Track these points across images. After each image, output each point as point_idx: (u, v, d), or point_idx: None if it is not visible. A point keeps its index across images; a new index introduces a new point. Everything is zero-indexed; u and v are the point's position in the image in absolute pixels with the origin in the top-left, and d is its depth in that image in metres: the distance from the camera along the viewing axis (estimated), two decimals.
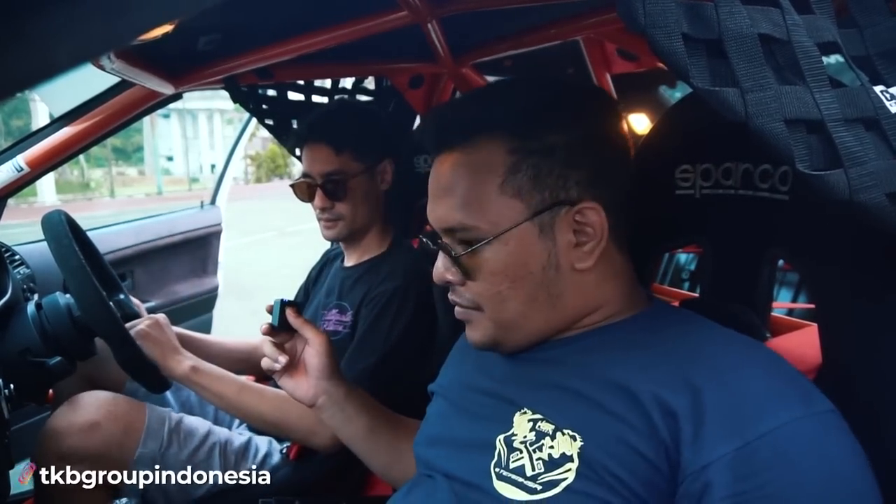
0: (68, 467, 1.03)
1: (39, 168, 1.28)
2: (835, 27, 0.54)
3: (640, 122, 1.99)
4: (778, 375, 0.56)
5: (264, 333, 0.86)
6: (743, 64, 0.48)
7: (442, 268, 0.68)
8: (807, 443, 0.51)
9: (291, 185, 1.31)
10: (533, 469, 0.60)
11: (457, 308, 0.70)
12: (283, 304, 0.86)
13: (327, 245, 1.61)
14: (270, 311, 0.87)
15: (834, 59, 0.54)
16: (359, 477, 1.29)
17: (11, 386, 0.83)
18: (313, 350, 0.86)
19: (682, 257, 2.18)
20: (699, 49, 0.48)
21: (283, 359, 0.85)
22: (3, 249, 1.37)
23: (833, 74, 0.51)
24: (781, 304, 1.68)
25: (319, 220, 1.29)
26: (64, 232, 1.01)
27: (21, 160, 1.27)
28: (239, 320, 3.33)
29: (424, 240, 0.73)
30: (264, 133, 2.48)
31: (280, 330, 0.86)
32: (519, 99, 0.66)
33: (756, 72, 0.48)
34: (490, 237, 0.63)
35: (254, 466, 1.18)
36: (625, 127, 0.68)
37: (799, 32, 0.50)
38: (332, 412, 0.88)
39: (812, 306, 0.73)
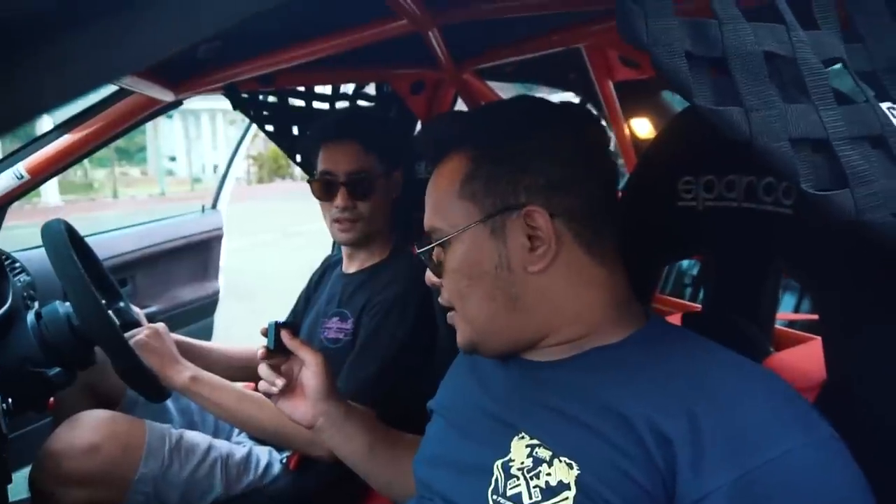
0: (68, 489, 1.03)
1: (40, 175, 1.27)
2: (841, 43, 0.53)
3: (642, 128, 1.98)
4: (777, 402, 0.55)
5: (260, 357, 0.85)
6: (747, 82, 0.47)
7: (428, 270, 0.74)
8: (806, 472, 0.50)
9: (309, 182, 1.29)
10: (530, 497, 0.59)
11: (448, 314, 0.74)
12: (278, 325, 0.85)
13: (330, 245, 1.61)
14: (265, 334, 0.86)
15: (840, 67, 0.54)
16: (359, 487, 1.28)
17: (10, 400, 0.82)
18: (310, 371, 0.86)
19: (685, 263, 2.17)
20: (702, 67, 0.48)
21: (280, 382, 0.84)
22: (4, 257, 1.37)
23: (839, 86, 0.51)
24: (785, 315, 1.67)
25: (336, 220, 1.25)
26: (63, 241, 1.01)
27: (21, 168, 1.26)
28: (241, 322, 3.33)
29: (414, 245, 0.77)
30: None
31: (275, 352, 0.85)
32: (485, 114, 0.75)
33: (761, 90, 0.47)
34: (447, 236, 0.68)
35: (255, 478, 1.18)
36: (598, 139, 0.71)
37: (804, 49, 0.50)
38: (332, 433, 0.87)
39: (815, 317, 0.72)
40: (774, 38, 0.49)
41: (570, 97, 1.99)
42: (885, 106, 0.52)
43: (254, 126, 2.57)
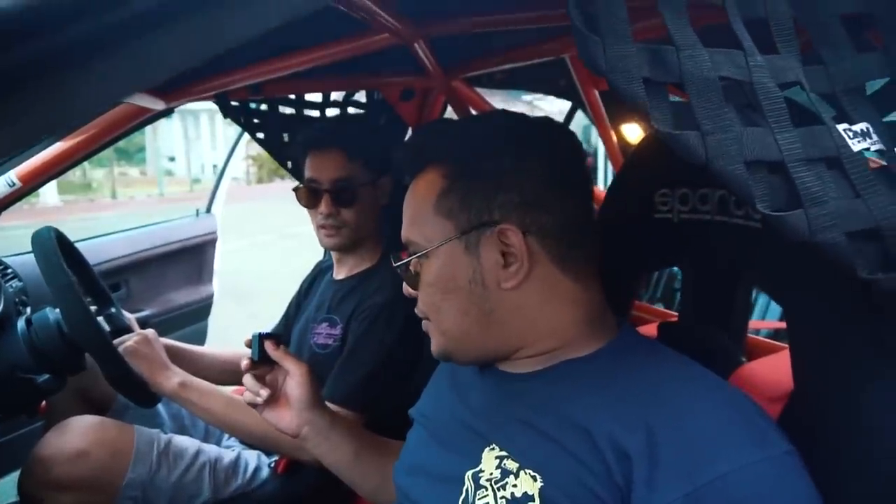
0: (57, 494, 1.04)
1: (31, 183, 1.29)
2: (800, 66, 0.54)
3: (632, 132, 1.99)
4: (733, 416, 0.56)
5: (245, 369, 0.86)
6: (704, 106, 0.49)
7: (404, 281, 0.76)
8: (758, 488, 0.51)
9: (294, 190, 1.30)
10: None
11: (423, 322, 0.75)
12: (262, 337, 0.86)
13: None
14: (249, 345, 0.87)
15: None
16: (346, 491, 1.29)
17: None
18: (294, 381, 0.87)
19: (675, 268, 2.19)
20: (661, 91, 0.49)
21: (264, 392, 0.85)
22: None
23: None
24: (763, 323, 1.68)
25: (321, 227, 1.28)
26: (52, 249, 1.02)
27: (13, 175, 1.28)
28: (237, 324, 3.34)
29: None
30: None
31: (260, 363, 0.86)
32: (462, 130, 0.77)
33: (717, 114, 0.49)
34: (422, 251, 0.70)
35: (243, 482, 1.19)
36: (573, 156, 0.72)
37: (761, 73, 0.51)
38: (317, 441, 0.88)
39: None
40: (731, 63, 0.50)
41: (560, 103, 2.00)
42: (841, 127, 0.53)
43: None
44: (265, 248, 8.39)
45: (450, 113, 1.70)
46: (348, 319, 1.27)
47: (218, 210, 2.54)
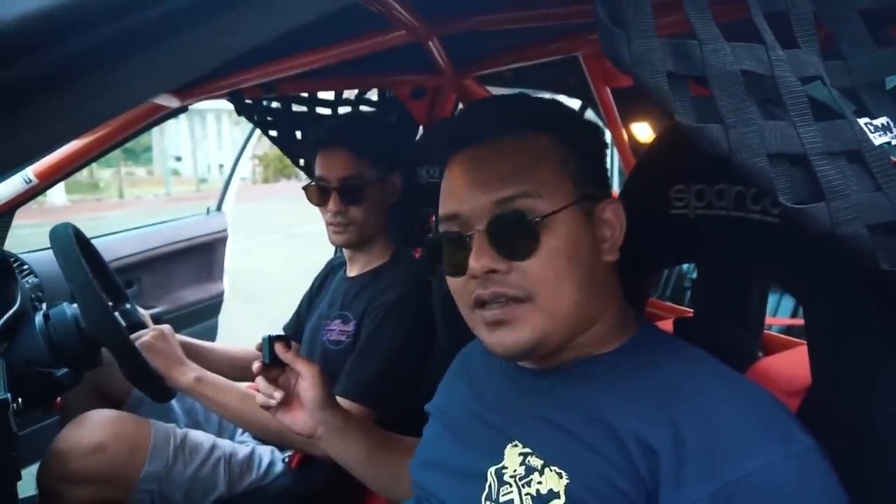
0: (75, 487, 1.05)
1: (48, 180, 1.30)
2: (820, 61, 0.55)
3: (642, 132, 1.99)
4: (758, 414, 0.56)
5: (257, 372, 0.86)
6: (727, 100, 0.49)
7: (483, 256, 0.63)
8: (785, 485, 0.51)
9: (304, 188, 1.32)
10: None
11: (491, 312, 0.64)
12: (272, 339, 0.86)
13: (333, 247, 1.63)
14: (260, 348, 0.87)
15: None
16: (359, 486, 1.30)
17: (20, 399, 0.85)
18: (307, 382, 0.87)
19: (685, 266, 2.19)
20: (684, 85, 0.50)
21: (278, 394, 0.86)
22: (12, 259, 1.39)
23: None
24: (777, 320, 1.68)
25: (330, 224, 1.30)
26: (71, 245, 1.03)
27: (30, 172, 1.29)
28: (244, 323, 3.35)
29: (445, 234, 0.68)
30: None
31: (272, 365, 0.87)
32: (557, 105, 0.76)
33: (740, 108, 0.49)
34: (551, 211, 0.63)
35: (257, 477, 1.20)
36: None
37: (783, 67, 0.52)
38: (331, 441, 0.89)
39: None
40: (753, 57, 0.51)
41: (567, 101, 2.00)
42: (862, 121, 0.54)
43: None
44: (272, 247, 8.42)
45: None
46: (361, 316, 1.28)
47: (228, 208, 2.55)
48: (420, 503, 0.75)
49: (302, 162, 1.59)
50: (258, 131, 2.66)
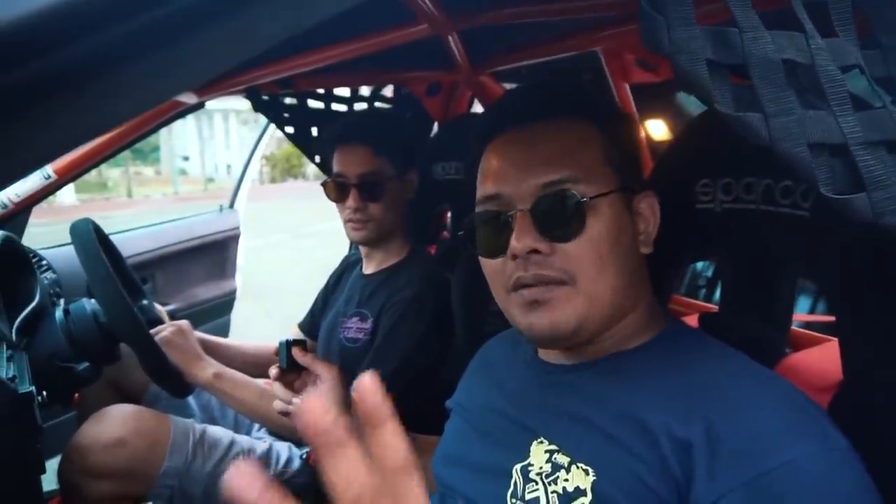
0: (95, 482, 1.05)
1: (66, 176, 1.31)
2: (858, 50, 0.54)
3: (657, 129, 1.98)
4: (793, 410, 0.55)
5: (274, 378, 0.85)
6: (767, 89, 0.49)
7: (526, 237, 0.63)
8: (820, 478, 0.50)
9: (322, 185, 1.32)
10: (548, 502, 0.60)
11: (530, 291, 0.63)
12: (289, 344, 0.85)
13: (342, 246, 1.63)
14: (277, 353, 0.86)
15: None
16: None
17: (44, 393, 0.85)
18: (326, 386, 0.86)
19: (699, 265, 2.18)
20: (723, 74, 0.49)
21: (296, 399, 0.85)
22: (31, 255, 1.40)
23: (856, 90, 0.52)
24: (800, 316, 1.67)
25: (348, 220, 1.29)
26: (91, 241, 1.04)
27: (49, 168, 1.30)
28: (252, 321, 3.36)
29: (501, 216, 0.66)
30: (279, 134, 2.50)
31: (288, 370, 0.86)
32: (597, 93, 0.78)
33: (780, 96, 0.49)
34: (598, 194, 0.63)
35: (276, 472, 1.20)
36: None
37: (822, 56, 0.51)
38: None
39: (831, 318, 0.73)
40: (793, 46, 0.50)
41: None
42: None
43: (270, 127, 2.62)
44: (279, 247, 8.44)
45: (476, 107, 1.70)
46: (378, 313, 1.28)
47: (241, 206, 2.55)
48: (444, 500, 0.75)
49: (318, 159, 1.59)
50: (268, 133, 2.70)
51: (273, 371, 0.86)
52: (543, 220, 0.63)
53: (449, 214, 1.64)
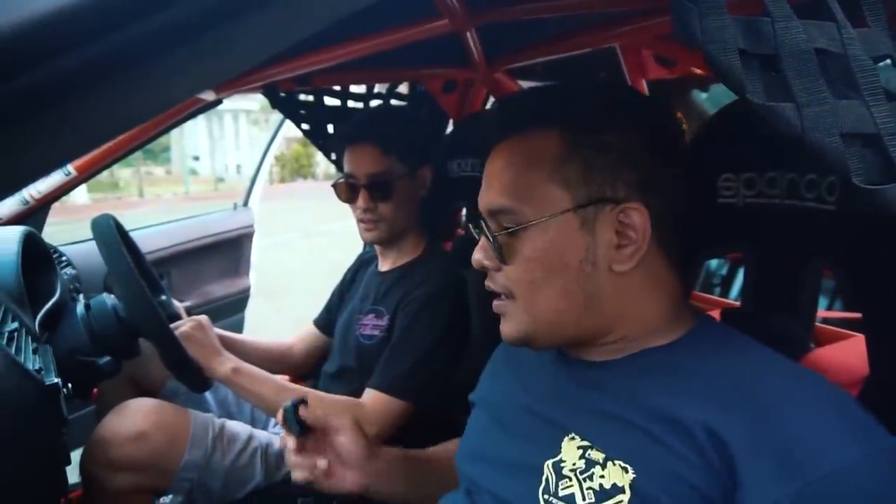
0: (116, 475, 1.06)
1: (86, 172, 1.32)
2: (889, 40, 0.54)
3: None
4: (834, 410, 0.54)
5: (293, 448, 0.79)
6: (799, 78, 0.48)
7: (480, 252, 0.69)
8: (868, 485, 0.50)
9: (333, 185, 1.32)
10: (584, 499, 0.59)
11: (494, 301, 0.70)
12: (295, 407, 0.78)
13: (352, 245, 1.63)
14: (284, 421, 0.79)
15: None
16: None
17: (69, 385, 0.86)
18: (346, 437, 0.81)
19: (714, 263, 2.16)
20: (754, 64, 0.49)
21: (322, 463, 0.79)
22: (52, 250, 1.41)
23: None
24: (822, 313, 1.66)
25: (360, 221, 1.30)
26: (113, 236, 1.04)
27: (69, 165, 1.31)
28: (263, 319, 3.37)
29: (469, 225, 0.72)
30: (288, 134, 2.50)
31: (301, 432, 0.79)
32: (578, 97, 0.69)
33: (812, 86, 0.48)
34: (531, 221, 0.64)
35: None
36: (683, 139, 0.69)
37: (854, 46, 0.51)
38: (380, 485, 0.84)
39: (852, 315, 0.72)
40: (825, 35, 0.50)
41: None
42: None
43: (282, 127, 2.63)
44: (290, 246, 8.48)
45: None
46: (394, 310, 1.28)
47: (255, 204, 2.56)
48: (470, 496, 0.74)
49: (333, 156, 1.59)
50: (281, 132, 2.71)
51: (290, 443, 0.78)
52: (491, 241, 0.67)
53: (464, 211, 1.64)
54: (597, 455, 0.61)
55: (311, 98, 1.54)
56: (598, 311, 0.65)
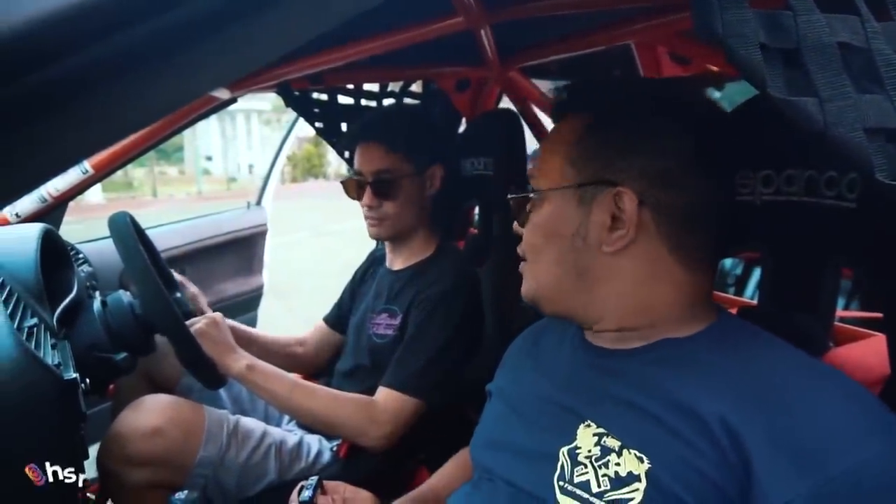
0: (133, 470, 1.07)
1: (103, 170, 1.33)
2: None
3: None
4: (854, 407, 0.54)
5: None
6: (821, 73, 0.48)
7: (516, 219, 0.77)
8: (890, 480, 0.49)
9: (342, 182, 1.33)
10: (599, 486, 0.60)
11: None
12: (312, 496, 0.82)
13: (363, 244, 1.64)
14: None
15: None
16: (407, 475, 1.30)
17: (87, 381, 0.86)
18: None
19: (728, 262, 2.14)
20: (775, 58, 0.48)
21: None
22: (69, 248, 1.43)
23: None
24: (840, 312, 1.64)
25: (366, 218, 1.32)
26: (130, 233, 1.05)
27: (86, 162, 1.32)
28: (275, 318, 3.38)
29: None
30: (300, 133, 2.52)
31: None
32: (616, 87, 0.76)
33: (834, 81, 0.48)
34: (540, 190, 0.71)
35: (307, 465, 1.21)
36: (724, 139, 0.69)
37: (878, 40, 0.50)
38: None
39: (869, 315, 0.71)
40: (848, 29, 0.49)
41: None
42: None
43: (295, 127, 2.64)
44: (301, 245, 8.51)
45: (505, 103, 1.69)
46: (407, 309, 1.28)
47: (268, 203, 2.58)
48: (479, 484, 0.74)
49: (347, 154, 1.60)
50: (294, 132, 2.71)
51: None
52: (514, 203, 0.76)
53: (476, 210, 1.63)
54: (612, 443, 0.61)
55: (324, 97, 1.55)
56: (591, 289, 0.69)
